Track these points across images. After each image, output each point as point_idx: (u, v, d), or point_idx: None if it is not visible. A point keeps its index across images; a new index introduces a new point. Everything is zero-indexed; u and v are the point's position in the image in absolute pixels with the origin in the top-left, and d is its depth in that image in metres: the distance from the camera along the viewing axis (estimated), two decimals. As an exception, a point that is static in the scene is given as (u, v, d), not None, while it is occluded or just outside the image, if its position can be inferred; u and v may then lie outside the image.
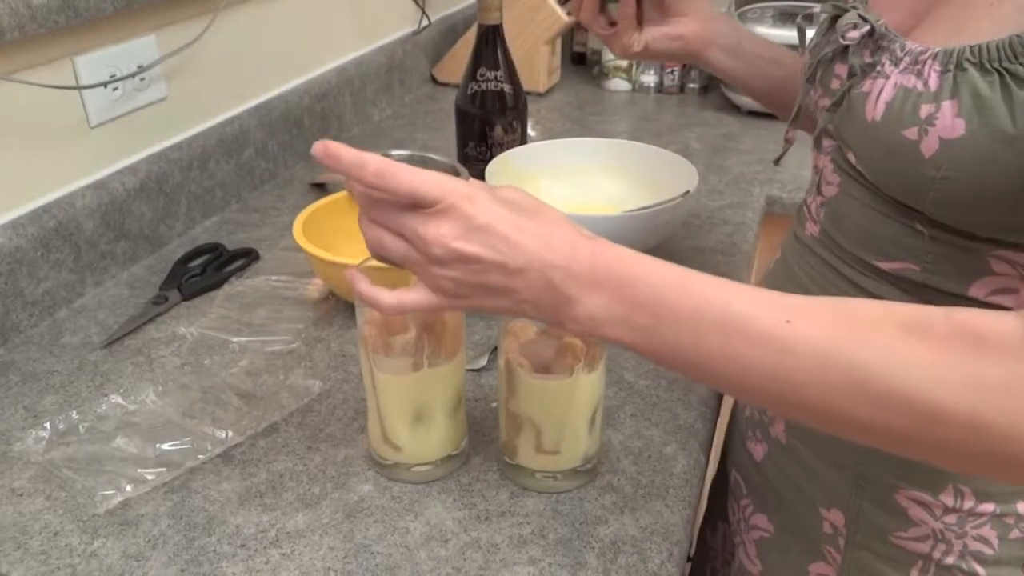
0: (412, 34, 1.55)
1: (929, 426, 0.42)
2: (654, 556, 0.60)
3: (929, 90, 0.52)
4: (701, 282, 0.47)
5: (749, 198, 1.16)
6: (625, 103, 1.56)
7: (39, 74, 0.84)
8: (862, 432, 0.45)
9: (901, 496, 0.62)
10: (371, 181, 0.49)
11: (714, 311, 0.46)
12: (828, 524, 0.67)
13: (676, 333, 0.46)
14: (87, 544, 0.60)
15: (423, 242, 0.49)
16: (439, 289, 0.50)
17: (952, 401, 0.41)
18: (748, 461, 0.75)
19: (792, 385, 0.44)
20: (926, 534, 0.62)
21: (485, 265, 0.48)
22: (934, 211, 0.54)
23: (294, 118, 1.22)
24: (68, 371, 0.79)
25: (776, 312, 0.45)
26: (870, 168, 0.58)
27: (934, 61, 0.52)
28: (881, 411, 0.43)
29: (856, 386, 0.43)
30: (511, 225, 0.48)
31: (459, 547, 0.60)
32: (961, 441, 0.42)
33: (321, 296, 0.90)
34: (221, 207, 1.10)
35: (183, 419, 0.71)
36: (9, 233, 0.82)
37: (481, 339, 0.83)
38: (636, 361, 0.80)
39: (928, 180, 0.52)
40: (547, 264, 0.48)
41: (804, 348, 0.44)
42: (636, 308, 0.47)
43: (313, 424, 0.72)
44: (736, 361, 0.45)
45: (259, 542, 0.60)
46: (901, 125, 0.53)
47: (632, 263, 0.48)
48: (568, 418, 0.63)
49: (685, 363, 0.47)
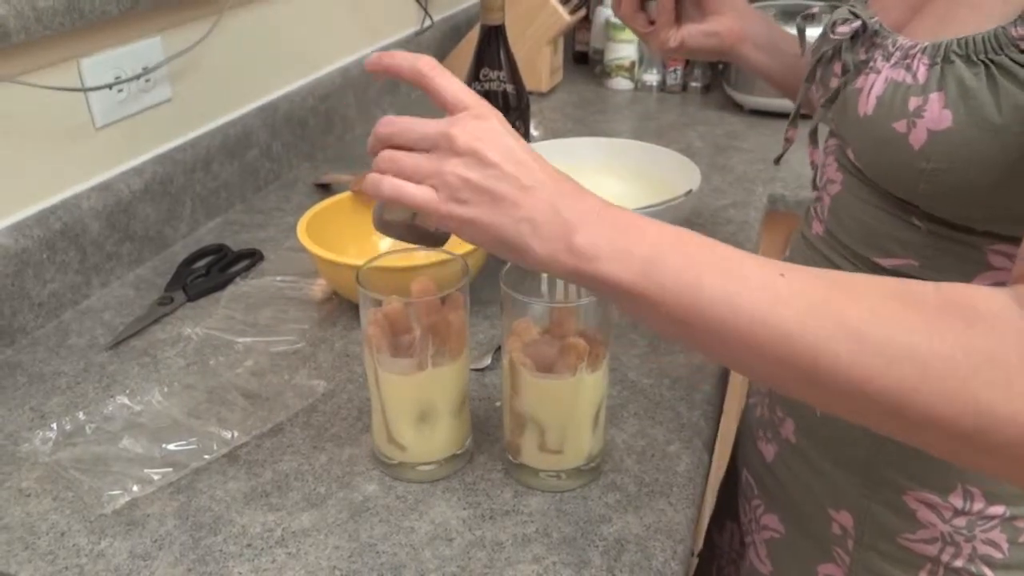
0: (415, 34, 1.55)
1: (921, 394, 0.41)
2: (658, 554, 0.60)
3: (918, 83, 0.53)
4: (701, 236, 0.48)
5: (752, 197, 1.16)
6: (627, 102, 1.56)
7: (44, 76, 0.85)
8: (851, 395, 0.43)
9: (910, 497, 0.62)
10: (423, 69, 0.52)
11: (716, 256, 0.47)
12: (837, 525, 0.67)
13: (677, 272, 0.46)
14: (94, 544, 0.61)
15: (449, 136, 0.49)
16: (444, 186, 0.49)
17: (942, 368, 0.40)
18: (759, 461, 0.75)
19: (782, 334, 0.43)
20: (935, 536, 0.62)
21: (499, 172, 0.48)
22: (926, 203, 0.55)
23: (298, 119, 1.23)
24: (74, 372, 0.79)
25: (771, 266, 0.46)
26: (865, 163, 0.59)
27: (923, 54, 0.53)
28: (871, 370, 0.42)
29: (847, 340, 0.42)
30: (533, 155, 0.50)
31: (464, 546, 0.60)
32: (953, 417, 0.41)
33: (325, 296, 0.91)
34: (226, 208, 1.10)
35: (189, 419, 0.72)
36: (15, 235, 0.82)
37: (485, 339, 0.84)
38: (639, 360, 0.80)
39: (918, 172, 0.53)
40: (558, 191, 0.48)
41: (797, 300, 0.44)
42: (640, 243, 0.47)
43: (318, 424, 0.72)
44: (732, 304, 0.44)
45: (265, 541, 0.61)
46: (891, 118, 0.54)
47: (638, 215, 0.49)
48: (572, 417, 0.63)
49: (679, 306, 0.46)
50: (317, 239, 0.83)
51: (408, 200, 0.50)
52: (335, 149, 1.32)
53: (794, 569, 0.72)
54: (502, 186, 0.48)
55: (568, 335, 0.62)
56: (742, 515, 0.80)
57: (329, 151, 1.31)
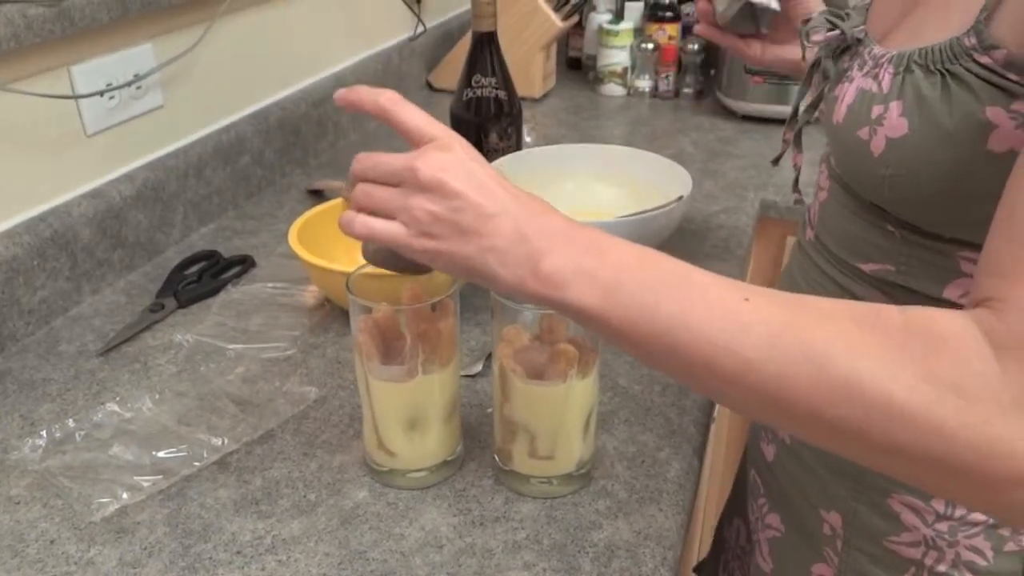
0: (408, 40, 1.55)
1: (883, 421, 0.41)
2: (648, 561, 0.60)
3: (881, 91, 0.54)
4: (665, 257, 0.48)
5: (744, 203, 1.16)
6: (620, 108, 1.57)
7: (35, 83, 0.85)
8: (814, 423, 0.43)
9: (894, 500, 0.63)
10: (384, 104, 0.53)
11: (677, 277, 0.46)
12: (827, 526, 0.67)
13: (639, 293, 0.46)
14: (84, 552, 0.61)
15: (413, 169, 0.50)
16: (413, 221, 0.50)
17: (905, 396, 0.40)
18: (762, 461, 0.76)
19: (743, 362, 0.43)
20: (918, 540, 0.62)
21: (463, 203, 0.49)
22: (894, 209, 0.56)
23: (291, 125, 1.23)
24: (65, 379, 0.79)
25: (734, 290, 0.46)
26: (842, 170, 0.60)
27: (889, 64, 0.55)
28: (833, 398, 0.42)
29: (809, 369, 0.42)
30: (497, 180, 0.50)
31: (454, 553, 0.60)
32: (915, 443, 0.41)
33: (317, 303, 0.91)
34: (217, 214, 1.10)
35: (179, 427, 0.72)
36: (6, 242, 0.82)
37: (476, 345, 0.84)
38: (630, 367, 0.80)
39: (880, 178, 0.54)
40: (522, 215, 0.49)
41: (760, 327, 0.44)
42: (604, 265, 0.47)
43: (309, 431, 0.72)
44: (693, 329, 0.44)
45: (255, 549, 0.61)
46: (857, 125, 0.55)
47: (603, 235, 0.49)
48: (562, 424, 0.63)
49: (641, 330, 0.46)
50: (309, 246, 0.83)
51: (378, 238, 0.52)
52: (327, 155, 1.32)
53: (792, 568, 0.73)
54: (467, 217, 0.49)
55: (558, 341, 0.62)
56: (750, 513, 0.81)
57: (321, 157, 1.31)
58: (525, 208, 0.49)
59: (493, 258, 0.48)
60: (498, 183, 0.50)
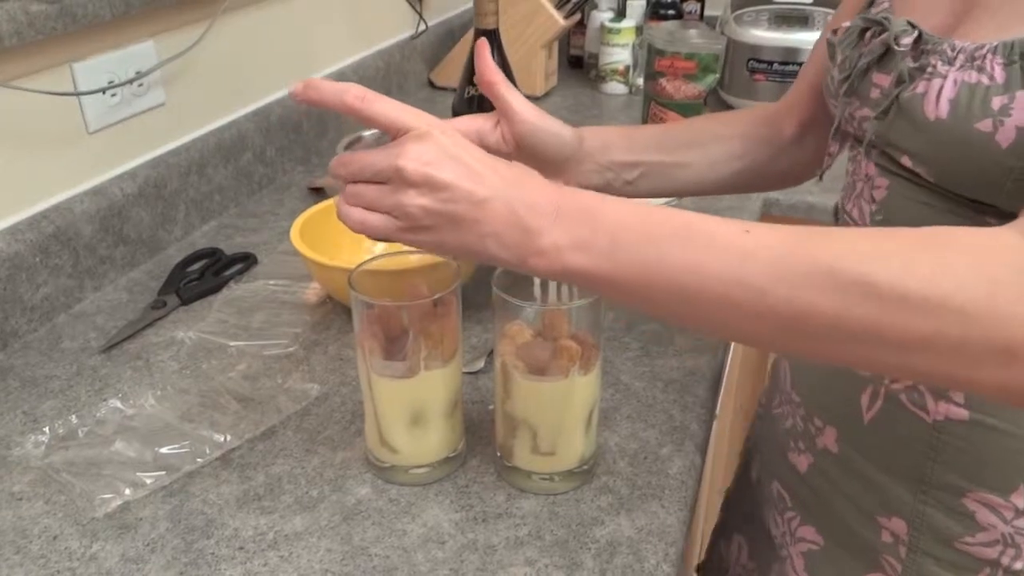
0: (410, 38, 1.55)
1: (900, 313, 0.41)
2: (650, 557, 0.60)
3: (996, 83, 0.53)
4: (660, 208, 0.48)
5: (747, 201, 1.16)
6: (622, 106, 1.57)
7: (37, 80, 0.85)
8: (831, 332, 0.43)
9: (968, 499, 0.60)
10: (352, 103, 0.52)
11: (675, 226, 0.47)
12: (887, 533, 0.65)
13: (639, 250, 0.46)
14: (86, 547, 0.61)
15: (396, 167, 0.50)
16: (407, 217, 0.50)
17: (921, 286, 0.40)
18: (791, 473, 0.73)
19: (755, 290, 0.44)
20: (995, 539, 0.60)
21: (453, 193, 0.49)
22: (1008, 202, 0.54)
23: (292, 123, 1.23)
24: (67, 376, 0.79)
25: (734, 225, 0.46)
26: (934, 167, 0.57)
27: (994, 55, 0.53)
28: (847, 301, 0.42)
29: (820, 278, 0.42)
30: (481, 161, 0.50)
31: (456, 549, 0.60)
32: (935, 332, 0.40)
33: (319, 300, 0.91)
34: (219, 212, 1.10)
35: (181, 423, 0.72)
36: (8, 239, 0.82)
37: (478, 342, 0.84)
38: (632, 363, 0.80)
39: (1006, 170, 0.53)
40: (513, 196, 0.49)
41: (765, 252, 0.44)
42: (599, 230, 0.47)
43: (311, 427, 0.72)
44: (699, 271, 0.45)
45: (257, 545, 0.61)
46: (972, 119, 0.53)
47: (597, 197, 0.49)
48: (564, 420, 0.63)
49: (647, 283, 0.47)
50: (311, 243, 0.83)
51: (374, 233, 0.52)
52: (329, 153, 1.32)
53: None
54: (460, 207, 0.49)
55: (560, 338, 0.62)
56: (773, 528, 0.77)
57: (323, 155, 1.31)
58: (514, 185, 0.50)
59: (492, 243, 0.49)
60: (483, 164, 0.50)
